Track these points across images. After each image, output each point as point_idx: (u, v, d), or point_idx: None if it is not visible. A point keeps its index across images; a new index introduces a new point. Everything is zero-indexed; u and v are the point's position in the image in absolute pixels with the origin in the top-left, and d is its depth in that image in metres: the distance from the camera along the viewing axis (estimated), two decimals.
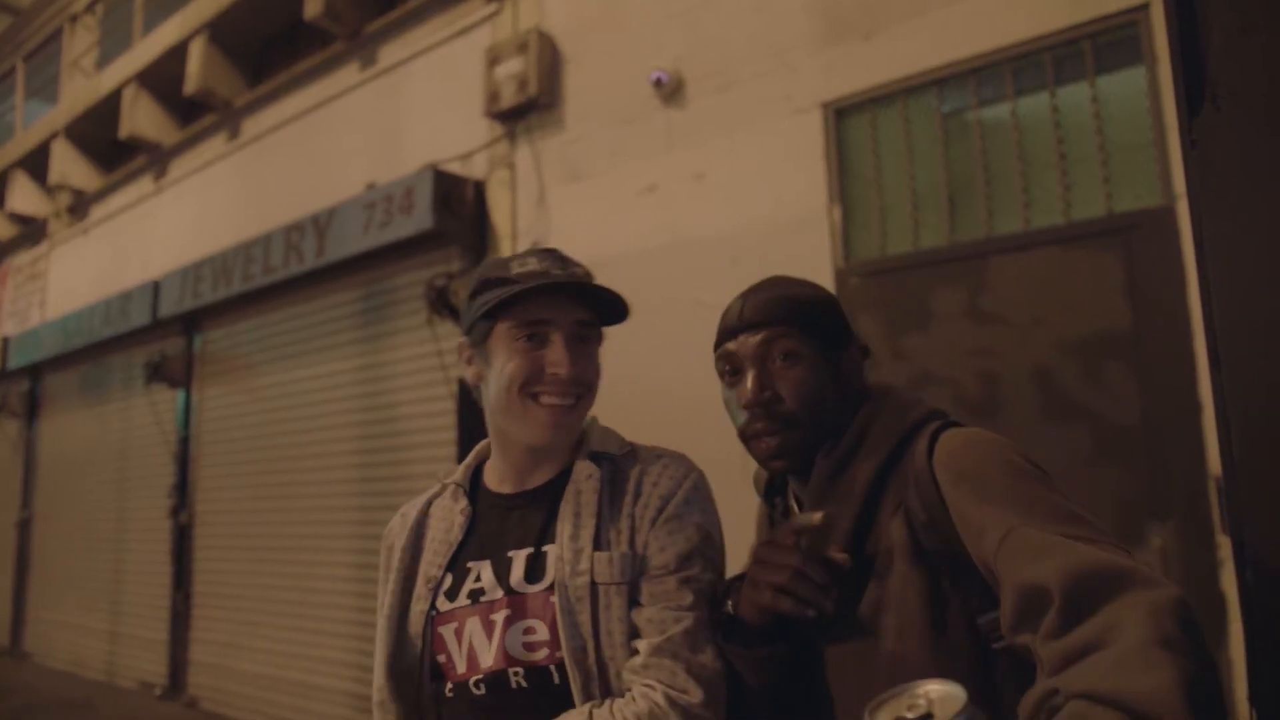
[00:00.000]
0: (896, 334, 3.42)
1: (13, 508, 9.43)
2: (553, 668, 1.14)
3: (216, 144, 7.36)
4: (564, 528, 1.19)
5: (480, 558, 1.24)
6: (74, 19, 9.71)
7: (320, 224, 5.59)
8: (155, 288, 7.20)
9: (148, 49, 7.86)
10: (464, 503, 1.29)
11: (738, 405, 1.18)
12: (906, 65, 3.48)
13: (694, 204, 4.07)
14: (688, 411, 3.94)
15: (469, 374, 1.29)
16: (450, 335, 4.92)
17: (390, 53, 5.82)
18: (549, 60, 4.69)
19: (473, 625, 1.19)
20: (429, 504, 1.35)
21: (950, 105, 3.45)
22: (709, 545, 1.21)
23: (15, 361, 9.29)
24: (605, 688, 1.13)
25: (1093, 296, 3.02)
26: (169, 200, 7.76)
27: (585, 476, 1.23)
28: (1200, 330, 2.92)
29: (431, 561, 1.27)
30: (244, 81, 7.23)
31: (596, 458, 1.26)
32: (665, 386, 4.00)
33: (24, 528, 9.28)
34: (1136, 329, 2.93)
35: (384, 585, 1.31)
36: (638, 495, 1.21)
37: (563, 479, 1.25)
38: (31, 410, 9.44)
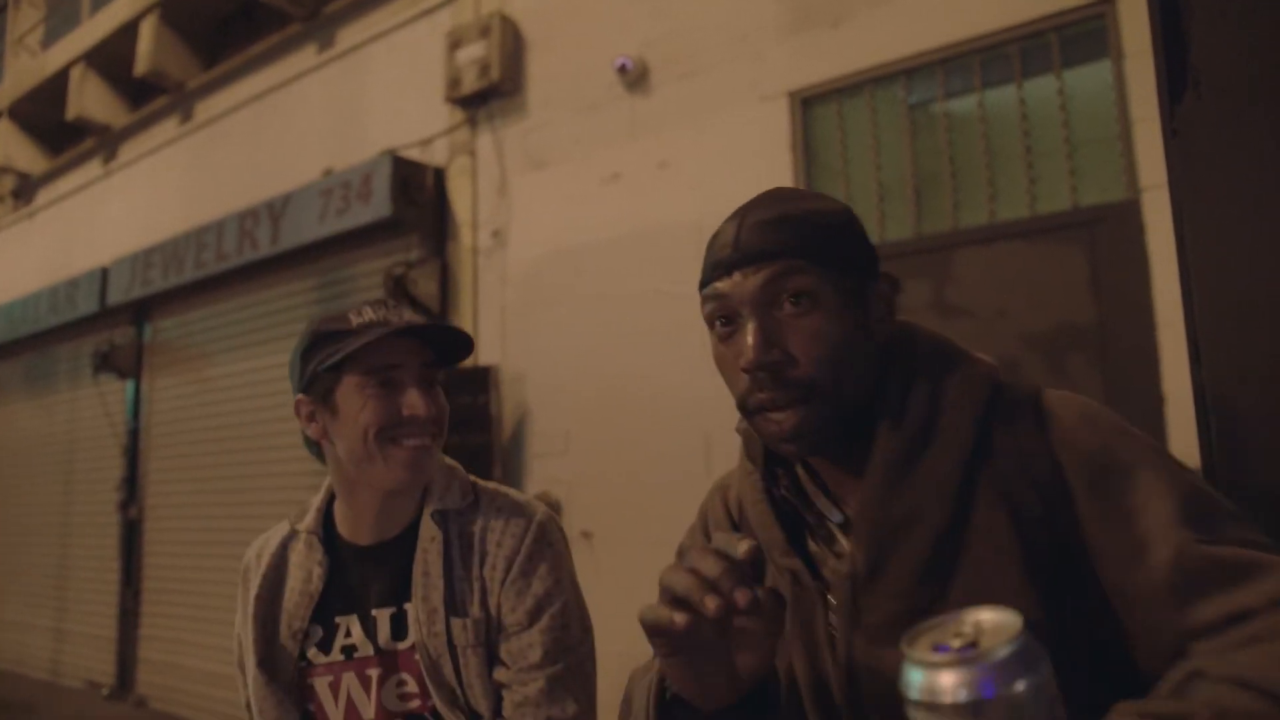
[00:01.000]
0: None
1: None
2: (428, 715, 1.23)
3: (168, 127, 7.15)
4: (416, 589, 1.23)
5: (346, 612, 1.27)
6: None
7: (275, 210, 5.45)
8: (104, 275, 7.00)
9: (96, 27, 7.61)
10: (320, 553, 1.29)
11: (734, 368, 0.87)
12: (874, 55, 3.45)
13: (659, 193, 4.01)
14: (653, 403, 3.90)
15: (310, 430, 1.25)
16: None
17: (349, 35, 5.68)
18: (511, 45, 4.60)
19: (349, 680, 1.25)
20: (284, 547, 1.34)
21: (917, 96, 3.42)
22: (558, 594, 1.25)
23: None
24: None
25: (1057, 290, 3.01)
26: (118, 184, 7.53)
27: (429, 539, 1.26)
28: (1163, 324, 2.92)
29: (294, 613, 1.27)
30: (197, 63, 7.02)
31: (438, 516, 1.27)
32: (630, 377, 3.95)
33: None
34: (1101, 322, 2.93)
35: (241, 624, 1.33)
36: (483, 555, 1.25)
37: (413, 532, 1.28)
38: None
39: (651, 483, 3.81)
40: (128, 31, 7.13)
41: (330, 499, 1.35)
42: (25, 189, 8.92)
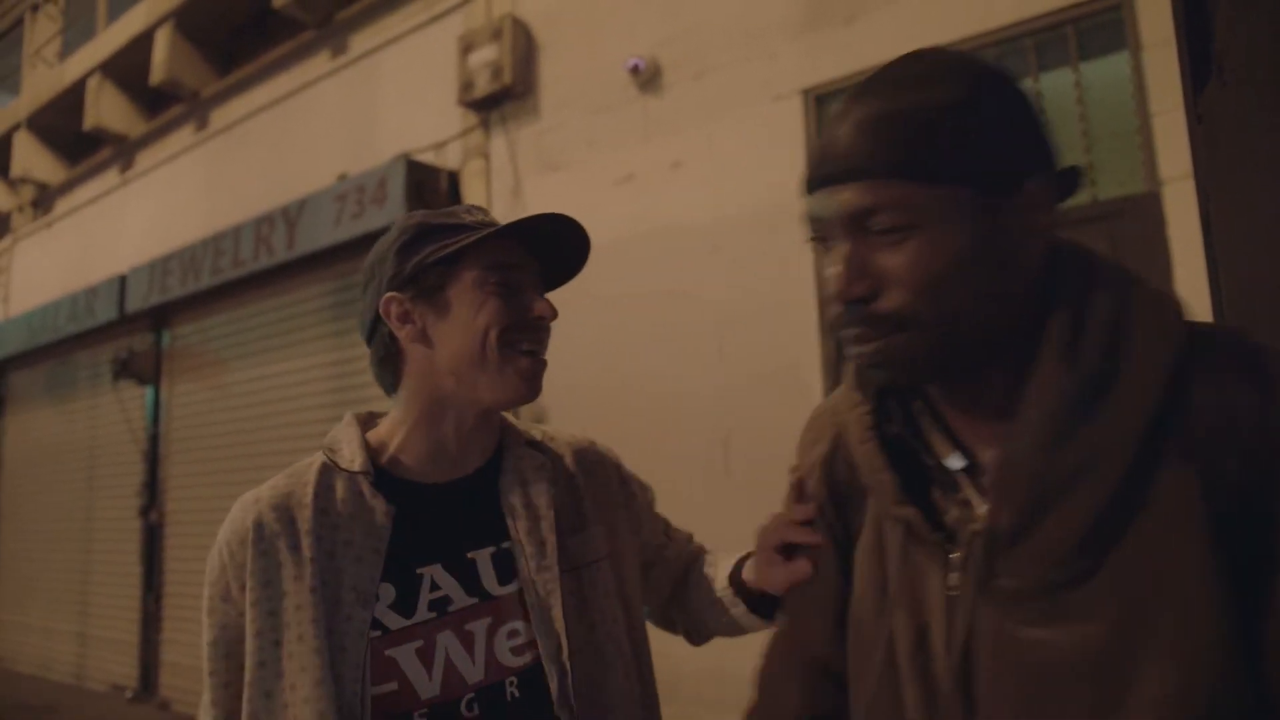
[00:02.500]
0: None
1: None
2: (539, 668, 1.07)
3: (184, 135, 7.20)
4: (520, 521, 1.11)
5: (427, 561, 1.06)
6: (35, 8, 9.49)
7: (291, 216, 5.47)
8: (122, 282, 7.05)
9: (112, 38, 7.68)
10: (382, 500, 1.07)
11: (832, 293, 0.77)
12: (888, 50, 3.38)
13: (672, 193, 4.00)
14: (669, 404, 3.89)
15: (403, 333, 1.09)
16: None
17: (361, 41, 5.70)
18: (523, 48, 4.61)
19: (445, 640, 1.04)
20: (319, 496, 1.07)
21: None
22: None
23: None
24: (571, 690, 1.05)
25: None
26: (135, 193, 7.59)
27: (535, 467, 1.16)
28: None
29: (358, 574, 1.03)
30: (212, 71, 7.07)
31: (536, 447, 1.21)
32: (645, 378, 3.95)
33: None
34: None
35: (258, 608, 1.02)
36: (586, 475, 1.22)
37: (492, 468, 1.15)
38: None
39: (669, 484, 3.77)
40: (143, 41, 7.19)
41: (365, 432, 1.15)
42: (44, 199, 9.00)
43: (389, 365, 1.13)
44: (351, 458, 1.10)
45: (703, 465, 3.70)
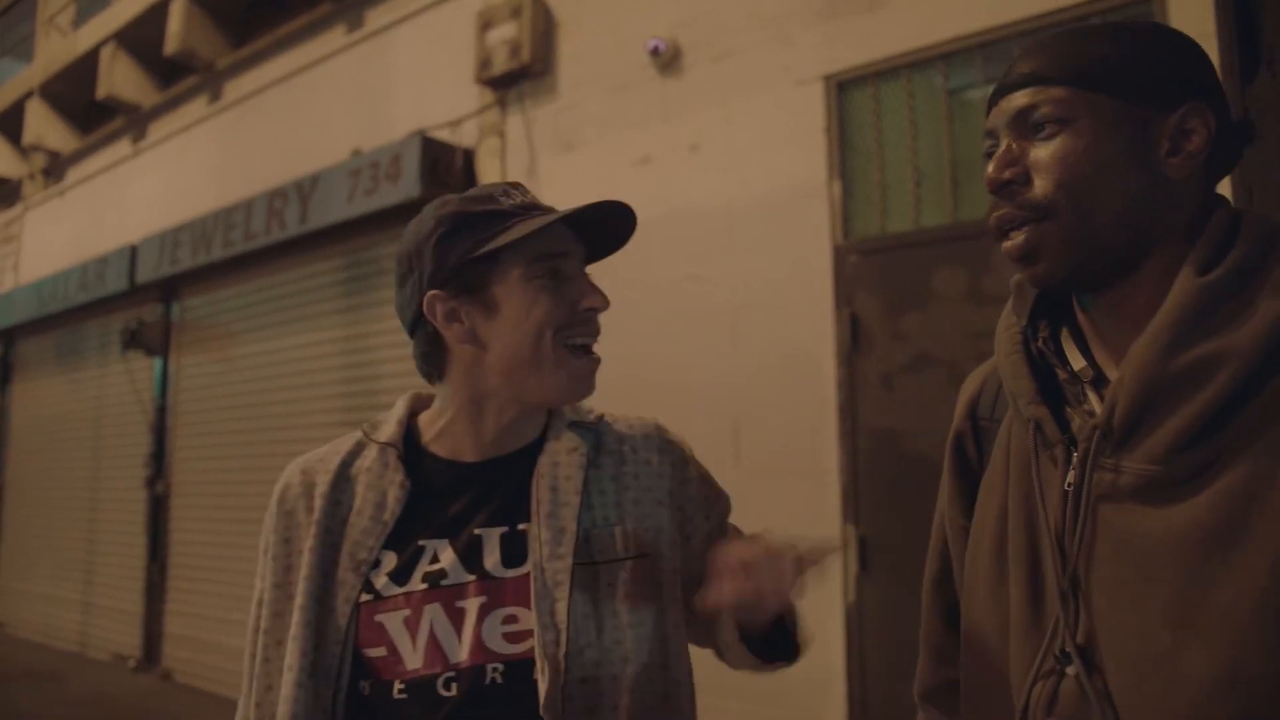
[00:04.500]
0: (895, 313, 3.35)
1: None
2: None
3: (197, 106, 7.18)
4: (541, 506, 1.05)
5: (435, 536, 1.05)
6: None
7: (304, 190, 5.45)
8: (133, 253, 7.04)
9: (127, 7, 7.63)
10: (401, 473, 1.08)
11: None
12: (912, 39, 3.40)
13: (690, 176, 3.97)
14: (682, 389, 3.87)
15: (451, 332, 1.05)
16: None
17: (378, 16, 5.66)
18: (542, 26, 4.57)
19: (432, 613, 1.02)
20: (345, 466, 1.10)
21: (956, 81, 3.37)
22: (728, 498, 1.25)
23: None
24: (561, 694, 0.97)
25: None
26: (148, 163, 7.57)
27: (568, 450, 1.10)
28: None
29: (360, 541, 1.05)
30: (227, 43, 7.03)
31: (575, 427, 1.13)
32: (659, 362, 3.93)
33: None
34: None
35: (277, 562, 1.07)
36: (642, 464, 1.13)
37: (532, 450, 1.10)
38: (4, 376, 9.26)
39: None
40: (158, 11, 7.15)
41: (412, 412, 1.16)
42: (56, 167, 8.99)
43: (433, 360, 1.10)
44: (386, 431, 1.12)
45: (713, 452, 3.67)
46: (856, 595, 3.32)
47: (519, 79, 4.63)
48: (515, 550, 1.04)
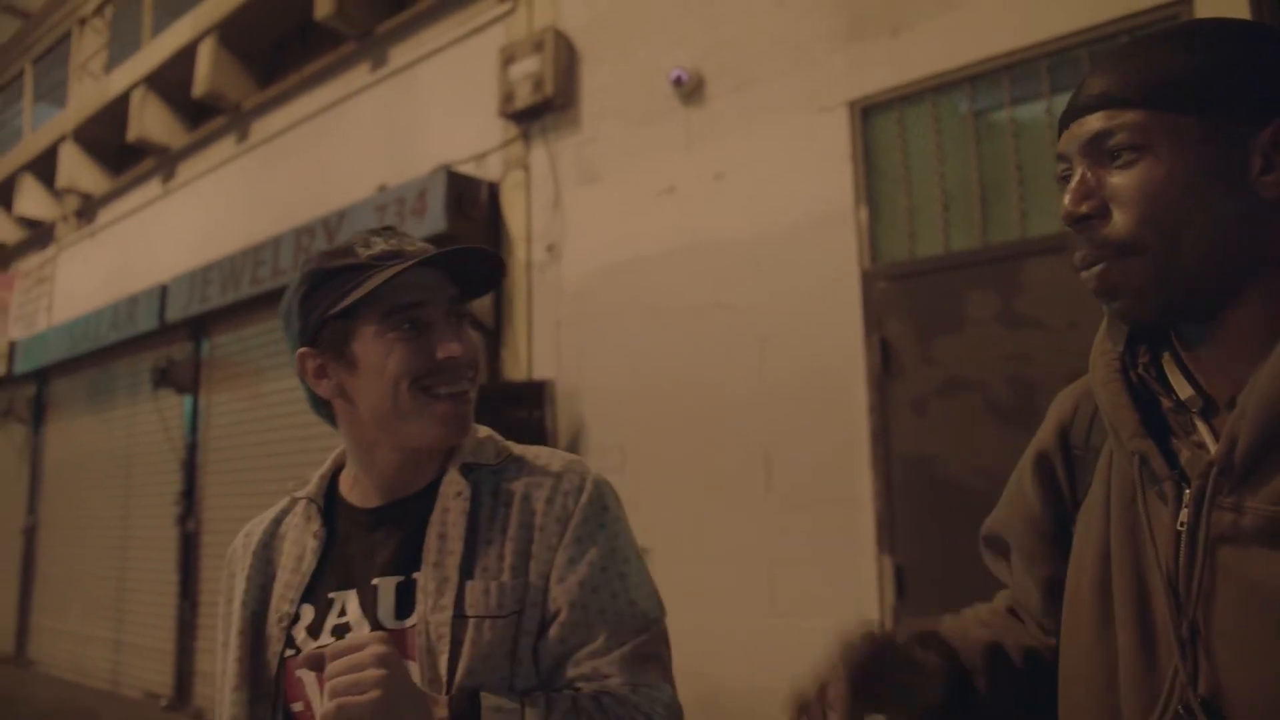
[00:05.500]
0: (926, 338, 3.31)
1: (18, 514, 9.35)
2: None
3: (225, 146, 7.29)
4: (429, 555, 1.04)
5: (344, 586, 1.07)
6: (83, 22, 9.67)
7: (331, 226, 5.50)
8: (163, 291, 7.13)
9: (156, 51, 7.80)
10: (317, 523, 1.11)
11: None
12: (936, 62, 3.38)
13: (714, 205, 3.97)
14: (712, 418, 3.84)
15: (321, 389, 1.08)
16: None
17: (402, 53, 5.73)
18: (565, 59, 4.61)
19: None
20: (278, 523, 1.16)
21: (982, 104, 3.35)
22: (621, 563, 1.07)
23: (22, 366, 9.22)
24: None
25: None
26: (177, 203, 7.69)
27: (454, 494, 1.07)
28: None
29: (283, 595, 1.09)
30: (254, 83, 7.16)
31: (469, 470, 1.09)
32: (687, 392, 3.91)
33: (29, 534, 9.21)
34: None
35: (225, 620, 1.14)
36: (527, 516, 1.05)
37: (433, 490, 1.09)
38: (38, 415, 9.38)
39: (710, 499, 3.75)
40: (186, 54, 7.30)
41: (338, 467, 1.18)
42: (88, 209, 9.15)
43: (323, 411, 1.13)
44: (310, 486, 1.16)
45: (744, 481, 3.65)
46: (893, 626, 3.25)
47: (542, 112, 4.66)
48: (406, 601, 1.04)
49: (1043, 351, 3.04)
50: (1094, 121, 0.76)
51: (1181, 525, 0.74)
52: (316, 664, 0.93)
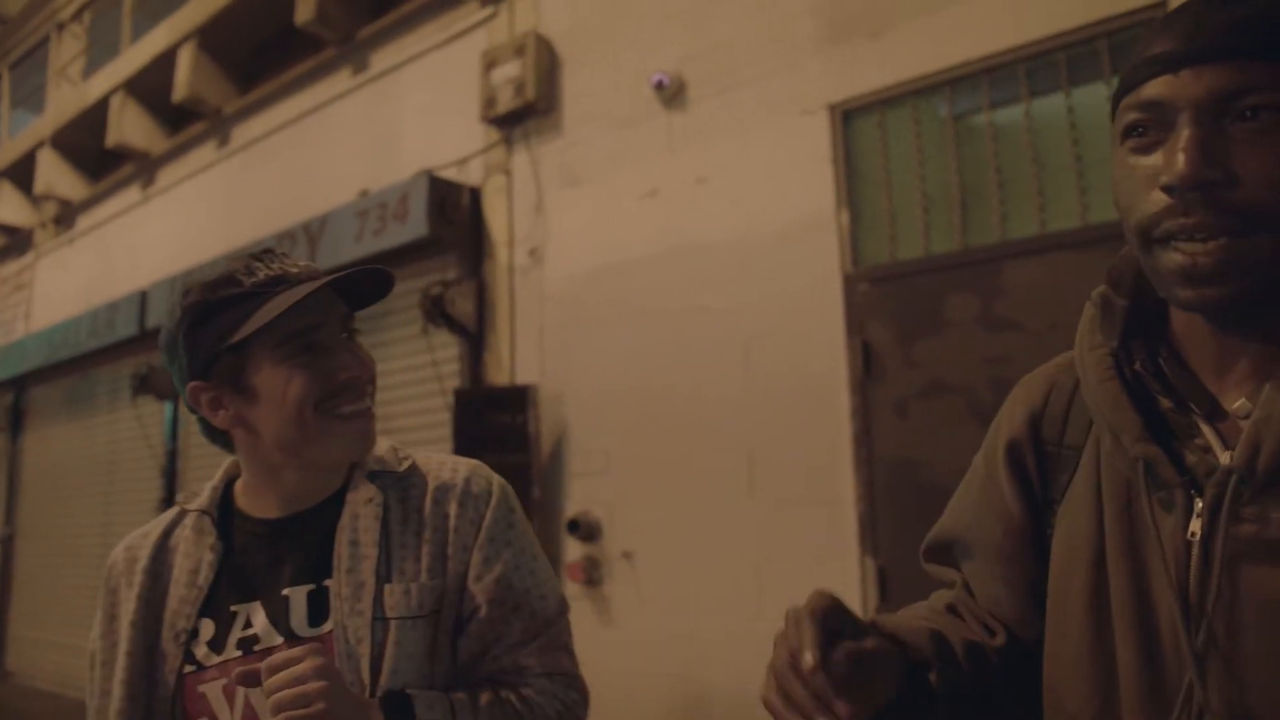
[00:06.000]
0: (908, 340, 3.32)
1: None
2: None
3: (206, 152, 7.24)
4: (340, 562, 1.05)
5: (247, 599, 1.06)
6: (61, 27, 9.59)
7: (312, 232, 5.47)
8: (143, 298, 7.07)
9: (136, 56, 7.74)
10: (213, 536, 1.10)
11: (1145, 186, 0.69)
12: (916, 66, 3.40)
13: (697, 209, 3.97)
14: (695, 421, 3.84)
15: (218, 420, 1.07)
16: (447, 345, 4.81)
17: (383, 58, 5.72)
18: (547, 64, 4.60)
19: None
20: (165, 537, 1.14)
21: (962, 107, 3.37)
22: (531, 563, 1.12)
23: None
24: None
25: None
26: (157, 209, 7.63)
27: (365, 500, 1.09)
28: None
29: (179, 610, 1.07)
30: (234, 88, 7.12)
31: (376, 478, 1.11)
32: (671, 395, 3.91)
33: (7, 544, 9.09)
34: None
35: (105, 640, 1.11)
36: (440, 519, 1.09)
37: (337, 501, 1.10)
38: (15, 424, 9.27)
39: (694, 501, 3.75)
40: (166, 60, 7.25)
41: (230, 478, 1.17)
42: (66, 215, 9.07)
43: (218, 438, 1.12)
44: (201, 499, 1.14)
45: (727, 483, 3.65)
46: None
47: (524, 117, 4.65)
48: (320, 608, 1.05)
49: (1023, 354, 3.06)
50: (1223, 75, 0.65)
51: (1193, 535, 0.70)
52: (251, 680, 0.92)
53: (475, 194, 4.85)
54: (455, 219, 4.74)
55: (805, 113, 3.67)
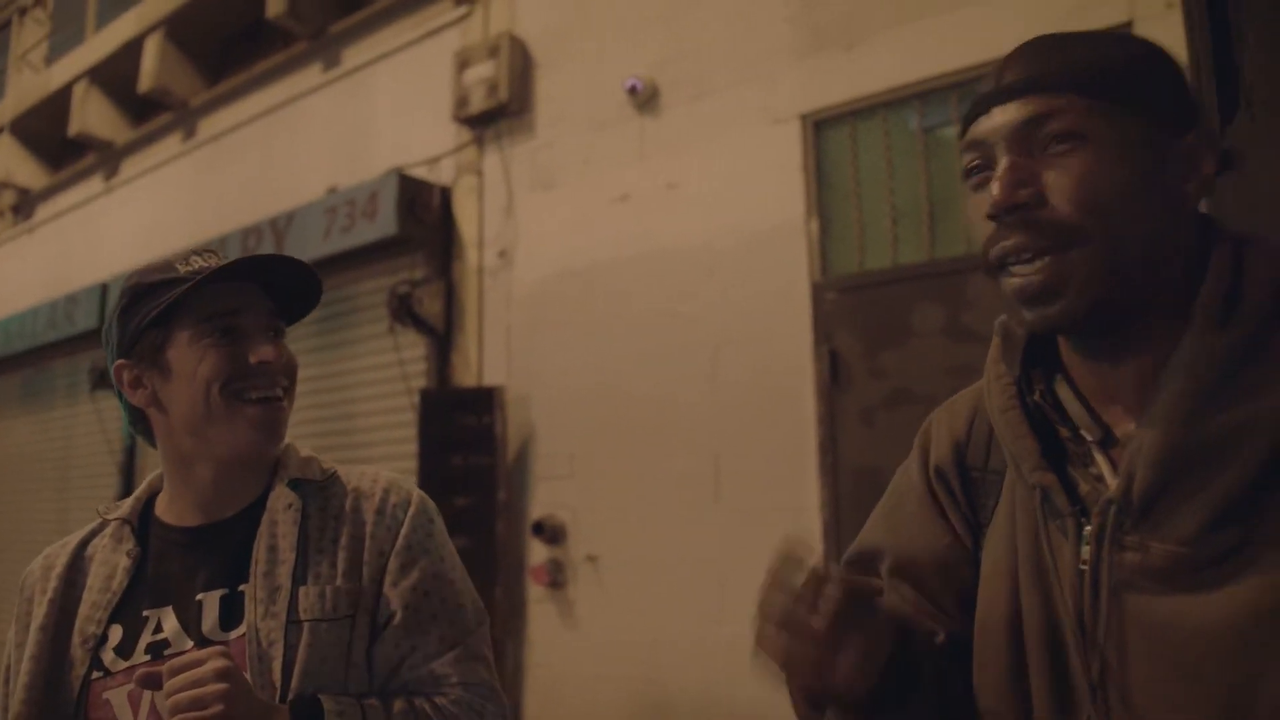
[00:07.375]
0: (874, 350, 3.35)
1: None
2: None
3: (171, 144, 7.13)
4: (258, 566, 1.06)
5: (159, 604, 1.07)
6: (23, 12, 9.40)
7: (279, 228, 5.41)
8: (103, 290, 6.94)
9: (101, 44, 7.61)
10: (130, 543, 1.11)
11: (982, 219, 0.73)
12: (888, 78, 3.44)
13: (668, 214, 3.98)
14: (661, 426, 3.85)
15: (136, 398, 1.09)
16: (414, 344, 4.77)
17: (355, 54, 5.67)
18: (520, 65, 4.59)
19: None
20: (83, 545, 1.15)
21: (931, 119, 3.41)
22: (449, 573, 1.12)
23: None
24: None
25: None
26: (120, 200, 7.50)
27: (284, 506, 1.10)
28: None
29: (89, 616, 1.07)
30: (202, 80, 7.01)
31: (297, 486, 1.12)
32: (637, 399, 3.91)
33: None
34: None
35: (20, 649, 1.10)
36: (357, 527, 1.10)
37: (256, 510, 1.11)
38: None
39: (659, 506, 3.76)
40: (132, 49, 7.13)
41: (154, 492, 1.18)
42: (25, 204, 8.88)
43: (141, 427, 1.14)
44: (122, 508, 1.16)
45: (693, 489, 3.66)
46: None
47: (496, 118, 4.64)
48: (233, 612, 1.05)
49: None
50: (1023, 108, 0.70)
51: (1084, 564, 0.72)
52: (152, 682, 0.92)
53: (446, 194, 4.83)
54: (425, 218, 4.71)
55: (777, 122, 3.70)
